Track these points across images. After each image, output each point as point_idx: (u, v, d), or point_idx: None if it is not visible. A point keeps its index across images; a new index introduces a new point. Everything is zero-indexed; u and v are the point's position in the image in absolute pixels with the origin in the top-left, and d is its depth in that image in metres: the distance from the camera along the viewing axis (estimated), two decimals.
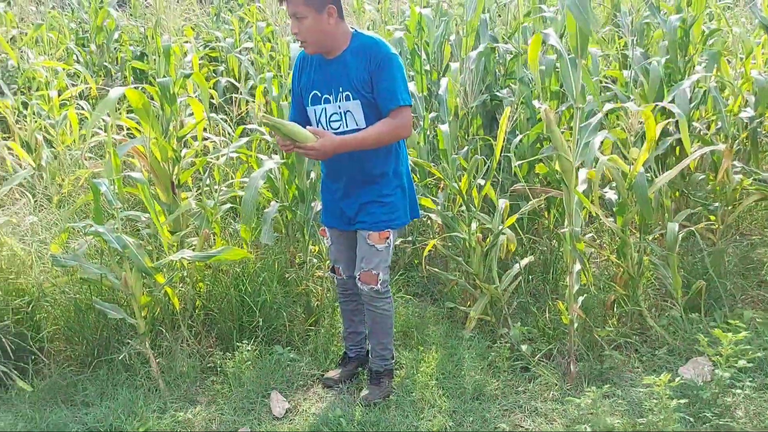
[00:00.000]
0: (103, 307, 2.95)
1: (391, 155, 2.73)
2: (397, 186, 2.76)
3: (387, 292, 2.81)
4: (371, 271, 2.73)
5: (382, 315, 2.82)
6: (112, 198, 2.95)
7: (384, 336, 2.87)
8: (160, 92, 3.21)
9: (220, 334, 3.23)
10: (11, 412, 2.74)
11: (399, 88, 2.59)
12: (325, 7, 2.53)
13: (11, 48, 5.17)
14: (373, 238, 2.72)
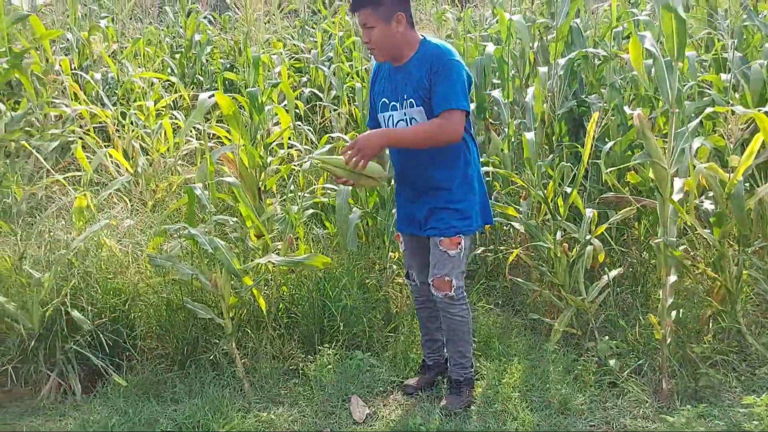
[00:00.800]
0: (194, 307, 3.06)
1: (460, 160, 2.69)
2: (467, 191, 2.71)
3: (462, 299, 2.77)
4: (444, 277, 2.70)
5: (458, 322, 2.77)
6: (206, 202, 3.06)
7: (461, 344, 2.81)
8: (249, 101, 3.31)
9: (302, 338, 3.28)
10: (107, 405, 2.88)
11: (454, 93, 2.55)
12: (394, 15, 2.56)
13: (112, 61, 5.49)
14: (444, 243, 2.69)
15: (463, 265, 2.75)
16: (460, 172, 2.69)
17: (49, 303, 3.04)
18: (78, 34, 5.36)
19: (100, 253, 3.34)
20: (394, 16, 2.56)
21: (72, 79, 4.94)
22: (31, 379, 3.02)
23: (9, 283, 3.20)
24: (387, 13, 2.56)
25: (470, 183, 2.72)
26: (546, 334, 3.30)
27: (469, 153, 2.72)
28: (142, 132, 4.91)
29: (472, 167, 2.74)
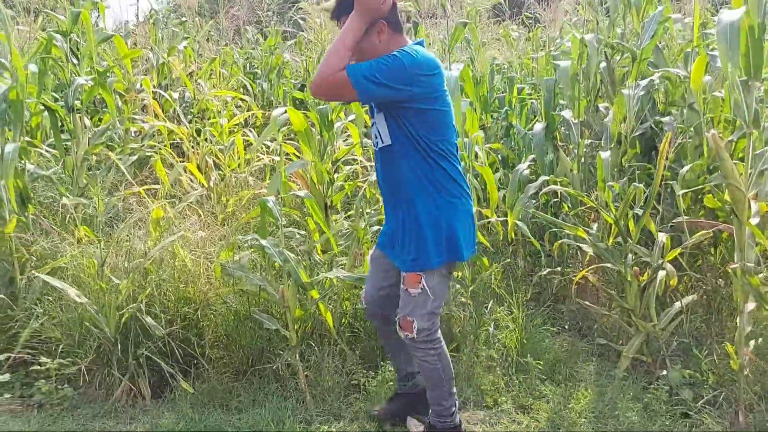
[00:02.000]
0: (260, 318, 3.13)
1: (422, 177, 2.38)
2: (432, 218, 2.40)
3: (429, 343, 2.46)
4: (406, 317, 2.45)
5: (427, 367, 2.51)
6: (277, 214, 3.14)
7: (434, 389, 2.55)
8: (320, 118, 3.38)
9: (364, 353, 3.29)
10: (174, 411, 2.96)
11: (366, 65, 2.23)
12: (376, 25, 2.34)
13: (189, 81, 5.74)
14: (406, 281, 2.44)
15: (430, 305, 2.42)
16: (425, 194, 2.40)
17: (126, 309, 3.17)
18: (159, 53, 5.62)
19: (174, 262, 3.46)
20: (375, 24, 2.34)
21: (151, 97, 5.19)
22: (104, 382, 3.14)
23: (90, 287, 3.36)
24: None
25: (439, 209, 2.40)
26: (614, 360, 3.20)
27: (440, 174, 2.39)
28: (215, 148, 5.10)
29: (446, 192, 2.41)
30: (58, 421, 2.93)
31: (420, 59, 2.27)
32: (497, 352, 3.24)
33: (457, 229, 2.41)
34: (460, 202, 2.44)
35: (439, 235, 2.39)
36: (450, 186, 2.42)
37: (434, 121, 2.36)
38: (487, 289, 3.57)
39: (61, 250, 3.48)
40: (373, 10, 2.27)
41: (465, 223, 2.45)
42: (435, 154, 2.37)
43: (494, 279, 3.56)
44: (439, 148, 2.37)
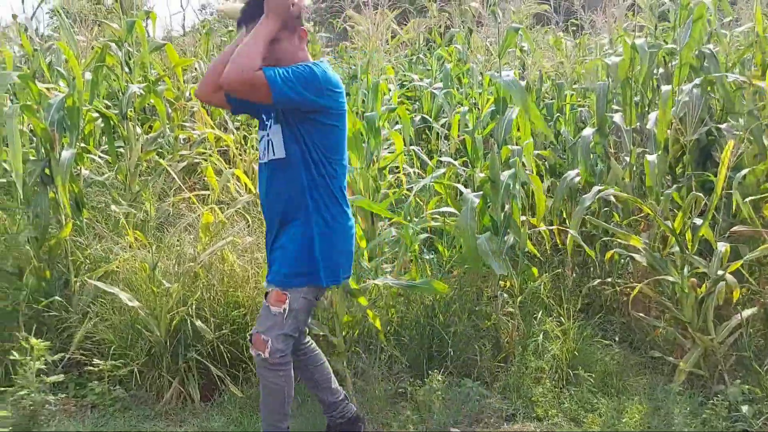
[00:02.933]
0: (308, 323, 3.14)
1: (307, 193, 2.32)
2: (307, 235, 2.32)
3: (281, 366, 2.33)
4: (260, 335, 2.32)
5: (270, 389, 2.38)
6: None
7: (273, 413, 2.42)
8: (367, 125, 3.38)
9: (411, 361, 3.27)
10: (223, 414, 2.99)
11: (284, 71, 2.19)
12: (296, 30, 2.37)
13: None
14: (270, 297, 2.34)
15: (287, 327, 2.32)
16: (305, 208, 2.33)
17: (176, 312, 3.22)
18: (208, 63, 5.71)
19: (223, 267, 3.50)
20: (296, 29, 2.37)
21: (200, 104, 5.28)
22: (155, 385, 3.19)
23: (142, 291, 3.42)
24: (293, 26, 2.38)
25: (314, 226, 2.33)
26: (667, 374, 3.11)
27: (324, 191, 2.35)
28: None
29: (326, 209, 2.35)
30: (111, 421, 2.98)
31: (330, 74, 2.31)
32: (547, 364, 3.18)
33: (340, 252, 2.39)
34: (346, 223, 2.42)
35: (318, 256, 2.33)
36: (337, 206, 2.39)
37: (334, 138, 2.37)
38: (536, 299, 3.51)
39: (113, 254, 3.54)
40: (283, 11, 2.26)
41: (347, 246, 2.43)
42: (326, 172, 2.35)
43: (543, 289, 3.49)
44: (332, 167, 2.36)
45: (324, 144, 2.34)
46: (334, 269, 2.38)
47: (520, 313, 3.40)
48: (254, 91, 2.21)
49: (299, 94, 2.21)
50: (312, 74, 2.23)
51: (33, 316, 3.47)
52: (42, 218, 3.62)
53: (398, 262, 3.37)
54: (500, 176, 3.30)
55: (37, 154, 3.83)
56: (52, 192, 3.67)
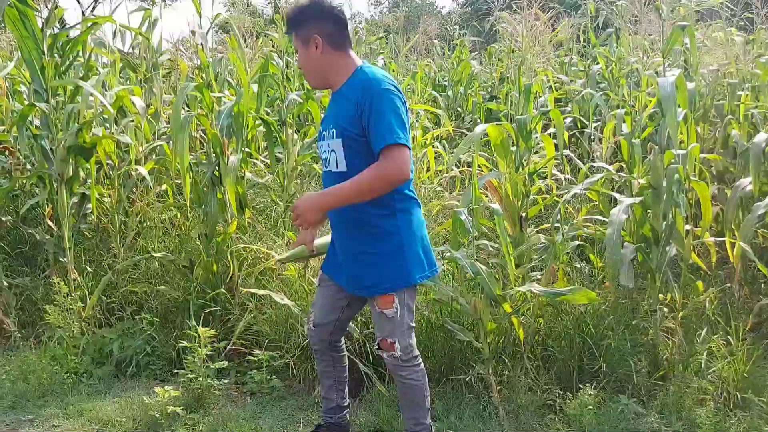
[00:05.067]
0: (453, 328, 3.15)
1: (384, 202, 2.31)
2: (395, 240, 2.36)
3: (413, 359, 2.45)
4: (386, 339, 2.42)
5: (409, 386, 2.46)
6: (470, 226, 3.14)
7: (415, 410, 2.49)
8: (518, 129, 3.33)
9: (559, 373, 3.16)
10: (371, 411, 3.07)
11: (388, 126, 2.19)
12: (310, 39, 2.38)
13: None
14: (378, 303, 2.40)
15: (406, 323, 2.41)
16: (386, 217, 2.35)
17: None
18: None
19: None
20: (311, 39, 2.38)
21: None
22: (307, 377, 3.35)
23: (294, 288, 3.62)
24: (304, 36, 2.41)
25: (398, 230, 2.36)
26: None
27: (400, 195, 2.36)
28: None
29: (403, 212, 2.37)
30: (268, 409, 3.18)
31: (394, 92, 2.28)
32: (712, 385, 2.94)
33: (423, 245, 2.43)
34: (417, 217, 2.44)
35: (408, 252, 2.37)
36: (405, 202, 2.38)
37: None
38: (699, 315, 3.25)
39: (271, 251, 3.77)
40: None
41: (423, 233, 2.46)
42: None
43: (709, 305, 3.23)
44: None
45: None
46: (431, 258, 2.47)
47: (682, 329, 3.16)
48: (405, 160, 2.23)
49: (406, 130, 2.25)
50: (394, 103, 2.25)
51: (201, 307, 3.79)
52: (211, 216, 3.95)
53: (546, 269, 3.27)
54: (662, 182, 3.10)
55: (208, 157, 4.19)
56: (220, 192, 3.99)
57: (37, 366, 3.49)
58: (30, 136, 4.14)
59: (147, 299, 3.95)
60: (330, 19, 2.40)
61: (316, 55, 2.40)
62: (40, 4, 3.84)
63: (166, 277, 4.09)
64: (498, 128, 3.24)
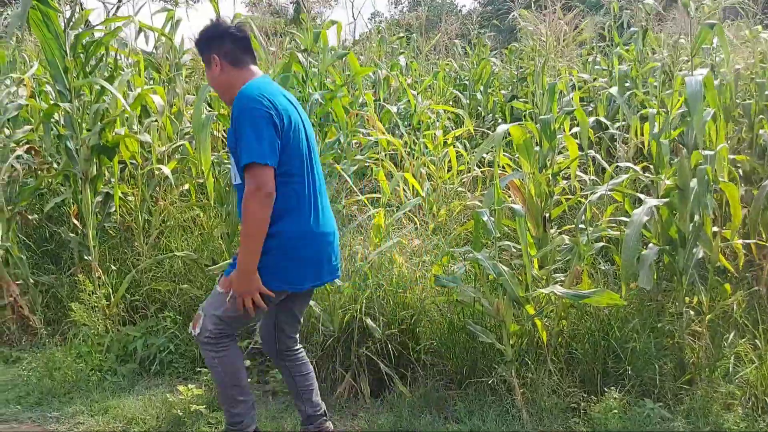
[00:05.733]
0: (475, 330, 3.13)
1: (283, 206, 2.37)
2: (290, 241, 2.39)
3: (210, 345, 2.47)
4: (200, 311, 2.51)
5: (209, 365, 2.55)
6: (491, 227, 3.12)
7: (220, 392, 2.60)
8: (541, 129, 3.29)
9: (583, 376, 3.12)
10: (392, 412, 3.06)
11: (247, 144, 2.25)
12: (210, 58, 2.50)
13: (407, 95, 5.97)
14: (220, 280, 2.51)
15: (222, 312, 2.43)
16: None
17: (347, 309, 3.36)
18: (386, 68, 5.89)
19: (392, 268, 3.60)
20: (211, 59, 2.50)
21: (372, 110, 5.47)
22: (329, 377, 3.35)
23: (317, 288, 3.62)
24: (206, 57, 2.54)
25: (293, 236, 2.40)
26: None
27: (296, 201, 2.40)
28: (428, 159, 5.23)
29: (285, 222, 2.37)
30: (290, 408, 3.18)
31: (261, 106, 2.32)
32: (740, 389, 2.89)
33: (292, 259, 2.41)
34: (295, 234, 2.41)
35: (271, 262, 2.36)
36: (290, 214, 2.39)
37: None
38: (727, 318, 3.20)
39: None
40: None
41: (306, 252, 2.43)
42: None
43: (737, 308, 3.17)
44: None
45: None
46: (289, 277, 2.44)
47: (708, 332, 3.11)
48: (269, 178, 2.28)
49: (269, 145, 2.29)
50: (251, 117, 2.29)
51: None
52: (233, 216, 3.96)
53: (570, 271, 3.24)
54: (689, 184, 3.05)
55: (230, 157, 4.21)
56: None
57: (63, 363, 3.54)
58: (56, 135, 4.19)
59: (170, 297, 3.98)
60: (227, 38, 2.50)
61: (216, 73, 2.51)
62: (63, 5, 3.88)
63: (189, 276, 4.12)
64: (521, 128, 3.21)
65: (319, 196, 2.53)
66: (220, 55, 2.49)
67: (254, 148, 2.25)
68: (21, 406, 3.27)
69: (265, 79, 2.51)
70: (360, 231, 3.93)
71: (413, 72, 6.24)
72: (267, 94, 2.36)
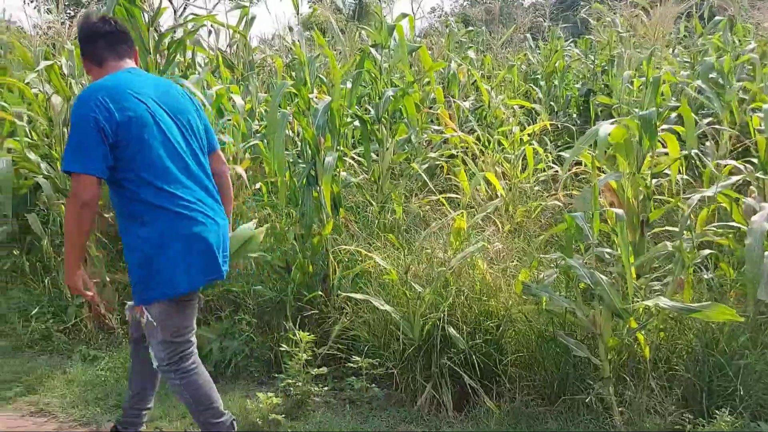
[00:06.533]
0: (568, 342, 2.93)
1: (128, 220, 2.35)
2: (140, 256, 2.33)
3: (171, 372, 2.45)
4: (149, 344, 2.47)
5: (177, 394, 2.54)
6: (588, 232, 2.90)
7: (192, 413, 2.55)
8: (642, 125, 3.05)
9: (686, 394, 2.88)
10: (479, 428, 2.90)
11: (66, 150, 2.25)
12: (84, 64, 2.55)
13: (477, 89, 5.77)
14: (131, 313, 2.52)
15: (159, 335, 2.40)
16: (132, 235, 2.34)
17: (428, 317, 3.21)
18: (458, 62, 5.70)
19: (473, 273, 3.42)
20: (86, 66, 2.55)
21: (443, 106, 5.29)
22: (408, 387, 3.21)
23: (395, 293, 3.48)
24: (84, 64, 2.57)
25: (141, 248, 2.32)
26: None
27: (147, 214, 2.31)
28: (502, 157, 5.01)
29: (147, 229, 2.31)
30: (369, 420, 3.06)
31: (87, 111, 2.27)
32: None
33: (163, 262, 2.32)
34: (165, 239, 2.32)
35: (148, 270, 2.33)
36: (151, 221, 2.31)
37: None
38: None
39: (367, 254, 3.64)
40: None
41: (178, 251, 2.33)
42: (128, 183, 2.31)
43: None
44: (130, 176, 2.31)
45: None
46: (168, 280, 2.35)
47: None
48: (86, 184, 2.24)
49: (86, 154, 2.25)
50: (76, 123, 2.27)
51: (298, 309, 3.71)
52: (307, 217, 3.86)
53: (672, 280, 2.99)
54: None
55: (303, 156, 4.11)
56: (315, 192, 3.90)
57: None
58: None
59: (244, 299, 3.91)
60: (83, 38, 2.50)
61: (90, 73, 2.54)
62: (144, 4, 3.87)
63: (261, 277, 4.05)
64: (622, 128, 2.97)
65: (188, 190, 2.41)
66: (84, 56, 2.53)
67: (69, 157, 2.24)
68: (100, 408, 3.26)
69: (120, 75, 2.42)
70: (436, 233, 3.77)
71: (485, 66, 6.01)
72: (105, 94, 2.28)
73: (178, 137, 2.41)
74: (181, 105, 2.48)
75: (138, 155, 2.29)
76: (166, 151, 2.35)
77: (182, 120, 2.45)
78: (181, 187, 2.36)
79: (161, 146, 2.34)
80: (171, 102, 2.44)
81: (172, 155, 2.37)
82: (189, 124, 2.47)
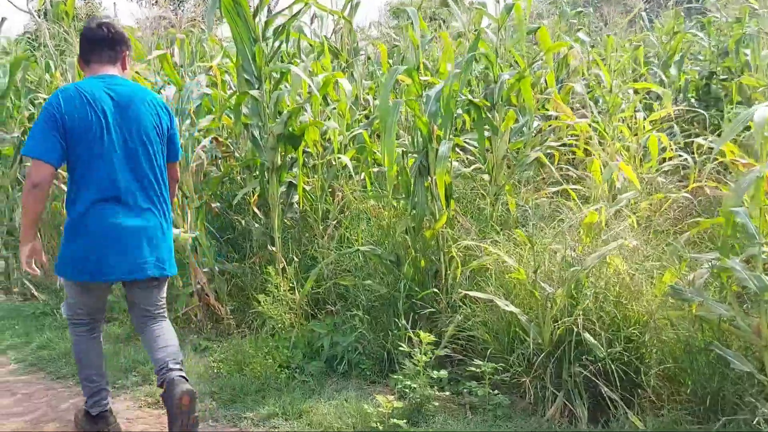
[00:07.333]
0: (725, 354, 2.59)
1: (66, 199, 2.71)
2: (66, 232, 2.68)
3: (70, 325, 2.85)
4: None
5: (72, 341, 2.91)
6: (753, 230, 2.55)
7: (77, 363, 2.90)
8: None
9: None
10: None
11: (27, 137, 2.58)
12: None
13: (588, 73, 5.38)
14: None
15: (71, 298, 2.79)
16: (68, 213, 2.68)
17: (560, 321, 2.94)
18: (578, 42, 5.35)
19: (607, 272, 3.12)
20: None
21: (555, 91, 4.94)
22: (537, 396, 2.96)
23: (517, 292, 3.23)
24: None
25: (68, 228, 2.66)
26: None
27: (76, 196, 2.63)
28: (621, 146, 4.64)
29: (75, 211, 2.63)
30: (494, 428, 2.84)
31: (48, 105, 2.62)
32: None
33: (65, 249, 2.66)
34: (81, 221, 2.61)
35: (65, 248, 2.67)
36: (78, 204, 2.62)
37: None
38: None
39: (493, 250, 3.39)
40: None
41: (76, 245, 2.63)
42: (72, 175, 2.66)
43: None
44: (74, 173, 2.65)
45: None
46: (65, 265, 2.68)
47: None
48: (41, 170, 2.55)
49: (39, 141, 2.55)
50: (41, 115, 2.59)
51: (410, 306, 3.54)
52: (419, 209, 3.67)
53: None
54: None
55: (414, 145, 3.90)
56: (427, 182, 3.70)
57: (253, 358, 3.44)
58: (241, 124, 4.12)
59: (353, 292, 3.78)
60: (81, 40, 2.78)
61: (82, 72, 2.81)
62: None
63: (368, 270, 3.90)
64: None
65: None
66: (82, 60, 2.79)
67: (29, 142, 2.55)
68: (216, 402, 3.20)
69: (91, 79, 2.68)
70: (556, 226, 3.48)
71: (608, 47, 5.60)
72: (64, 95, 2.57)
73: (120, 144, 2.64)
74: (138, 116, 2.67)
75: (82, 155, 2.58)
76: (103, 155, 2.60)
77: (132, 129, 2.66)
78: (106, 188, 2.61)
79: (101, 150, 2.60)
80: (127, 112, 2.65)
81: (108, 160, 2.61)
82: (139, 134, 2.67)
